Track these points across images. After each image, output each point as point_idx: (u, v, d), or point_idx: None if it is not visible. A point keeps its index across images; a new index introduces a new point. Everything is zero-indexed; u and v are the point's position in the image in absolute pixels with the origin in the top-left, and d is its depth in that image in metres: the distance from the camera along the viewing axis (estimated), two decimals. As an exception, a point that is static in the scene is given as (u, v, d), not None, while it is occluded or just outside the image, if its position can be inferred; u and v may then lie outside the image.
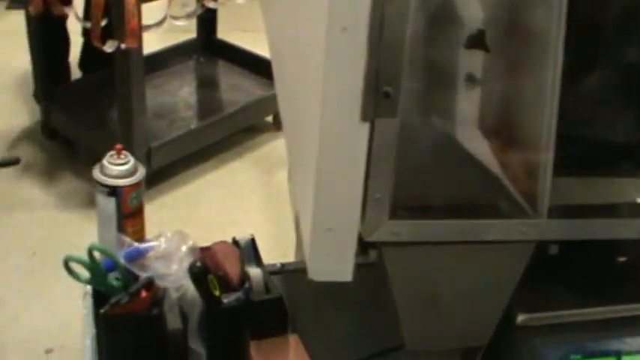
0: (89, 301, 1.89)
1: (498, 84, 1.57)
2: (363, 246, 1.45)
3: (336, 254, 1.43)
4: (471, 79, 1.55)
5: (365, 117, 1.31)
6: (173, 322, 1.67)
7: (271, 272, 1.87)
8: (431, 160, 1.56)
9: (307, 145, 1.44)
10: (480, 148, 1.56)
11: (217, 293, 1.62)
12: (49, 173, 3.94)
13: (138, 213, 1.84)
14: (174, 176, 3.83)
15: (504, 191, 1.52)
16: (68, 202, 3.78)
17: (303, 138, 1.50)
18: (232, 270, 1.67)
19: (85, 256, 1.69)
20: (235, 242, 1.84)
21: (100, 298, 1.74)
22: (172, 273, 1.62)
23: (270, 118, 4.28)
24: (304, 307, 1.87)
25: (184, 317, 1.66)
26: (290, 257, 2.62)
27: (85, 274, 1.74)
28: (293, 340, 1.80)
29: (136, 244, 1.68)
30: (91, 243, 1.76)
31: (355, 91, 1.30)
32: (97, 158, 3.75)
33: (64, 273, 3.35)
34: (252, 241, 1.86)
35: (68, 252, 3.45)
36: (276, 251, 2.94)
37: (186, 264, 1.63)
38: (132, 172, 1.83)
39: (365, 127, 1.33)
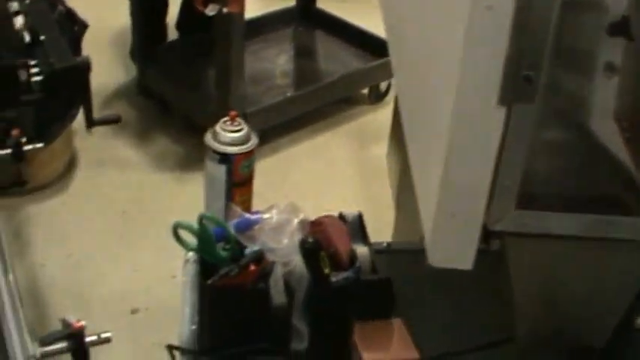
0: (191, 268, 1.86)
1: (638, 75, 1.50)
2: (485, 234, 1.40)
3: (458, 241, 1.38)
4: (609, 68, 1.48)
5: (502, 101, 1.26)
6: (278, 297, 1.63)
7: (376, 251, 1.82)
8: (561, 150, 1.49)
9: (435, 127, 1.38)
10: (614, 140, 1.49)
11: (327, 271, 1.57)
12: (142, 133, 3.93)
13: (247, 182, 1.80)
14: (268, 143, 3.77)
15: (637, 187, 1.45)
16: (160, 163, 3.76)
17: (429, 119, 1.45)
18: (342, 247, 1.62)
19: (194, 224, 1.65)
20: (342, 217, 1.79)
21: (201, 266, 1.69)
22: (283, 247, 1.57)
23: (365, 91, 4.22)
24: (409, 290, 1.82)
25: (290, 293, 1.62)
26: (382, 235, 2.56)
27: (193, 241, 1.69)
28: (397, 323, 1.75)
29: (247, 215, 1.64)
30: (202, 212, 1.72)
31: (495, 73, 1.24)
32: (192, 120, 3.75)
33: (152, 234, 3.36)
34: (360, 217, 1.82)
35: (158, 213, 3.48)
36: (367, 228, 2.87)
37: (297, 238, 1.58)
38: (245, 140, 1.79)
39: (501, 112, 1.27)
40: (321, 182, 3.69)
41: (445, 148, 1.30)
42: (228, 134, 1.77)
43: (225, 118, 1.81)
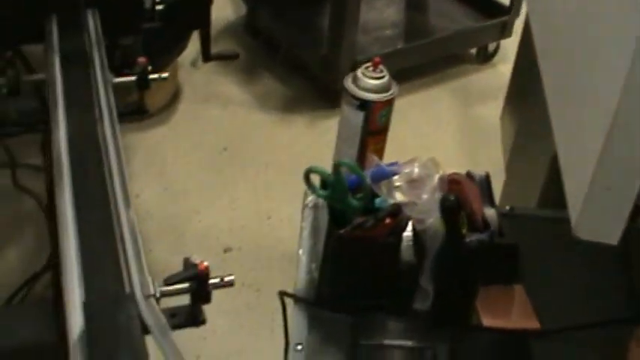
0: (310, 214, 1.83)
1: None
2: (634, 211, 1.35)
3: (609, 215, 1.33)
4: None
5: (678, 74, 1.20)
6: (407, 254, 1.58)
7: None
8: None
9: (594, 96, 1.33)
10: None
11: (464, 232, 1.53)
12: (248, 72, 3.91)
13: (383, 131, 1.74)
14: (371, 94, 3.73)
15: None
16: (264, 102, 3.74)
17: (586, 87, 1.39)
18: (477, 209, 1.57)
19: (327, 170, 1.61)
20: (469, 176, 1.73)
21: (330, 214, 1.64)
22: (422, 203, 1.52)
23: (473, 51, 4.15)
24: (530, 257, 1.77)
25: (420, 251, 1.58)
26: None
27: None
28: (519, 291, 1.71)
29: (383, 165, 1.59)
30: (339, 158, 1.67)
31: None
32: (299, 63, 3.72)
33: (251, 173, 3.35)
34: (487, 178, 1.76)
35: (259, 153, 3.46)
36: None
37: (437, 195, 1.53)
38: (386, 88, 1.73)
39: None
40: (424, 137, 3.64)
41: (609, 120, 1.24)
42: (370, 80, 1.71)
43: (368, 64, 1.75)
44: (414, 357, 1.55)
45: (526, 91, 2.44)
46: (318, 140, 3.57)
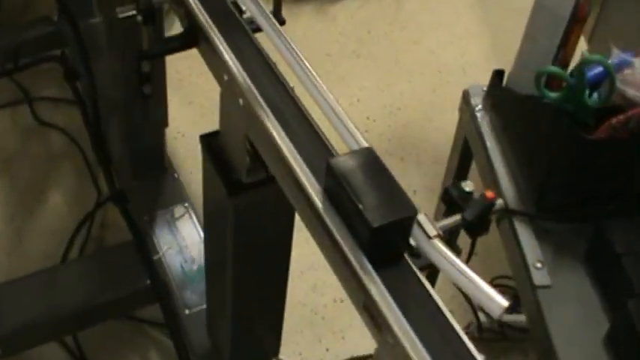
0: (484, 116, 1.69)
1: None
2: None
3: None
4: None
5: None
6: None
7: None
8: None
9: None
10: None
11: None
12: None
13: (585, 19, 1.55)
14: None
15: None
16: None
17: None
18: None
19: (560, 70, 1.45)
20: None
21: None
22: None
23: None
24: None
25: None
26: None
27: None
28: None
29: (623, 55, 1.43)
30: (531, 53, 1.50)
31: None
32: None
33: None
34: None
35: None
36: (493, 62, 2.59)
37: None
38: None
39: None
40: (435, 11, 3.43)
41: None
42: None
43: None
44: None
45: None
46: (330, 28, 3.38)
